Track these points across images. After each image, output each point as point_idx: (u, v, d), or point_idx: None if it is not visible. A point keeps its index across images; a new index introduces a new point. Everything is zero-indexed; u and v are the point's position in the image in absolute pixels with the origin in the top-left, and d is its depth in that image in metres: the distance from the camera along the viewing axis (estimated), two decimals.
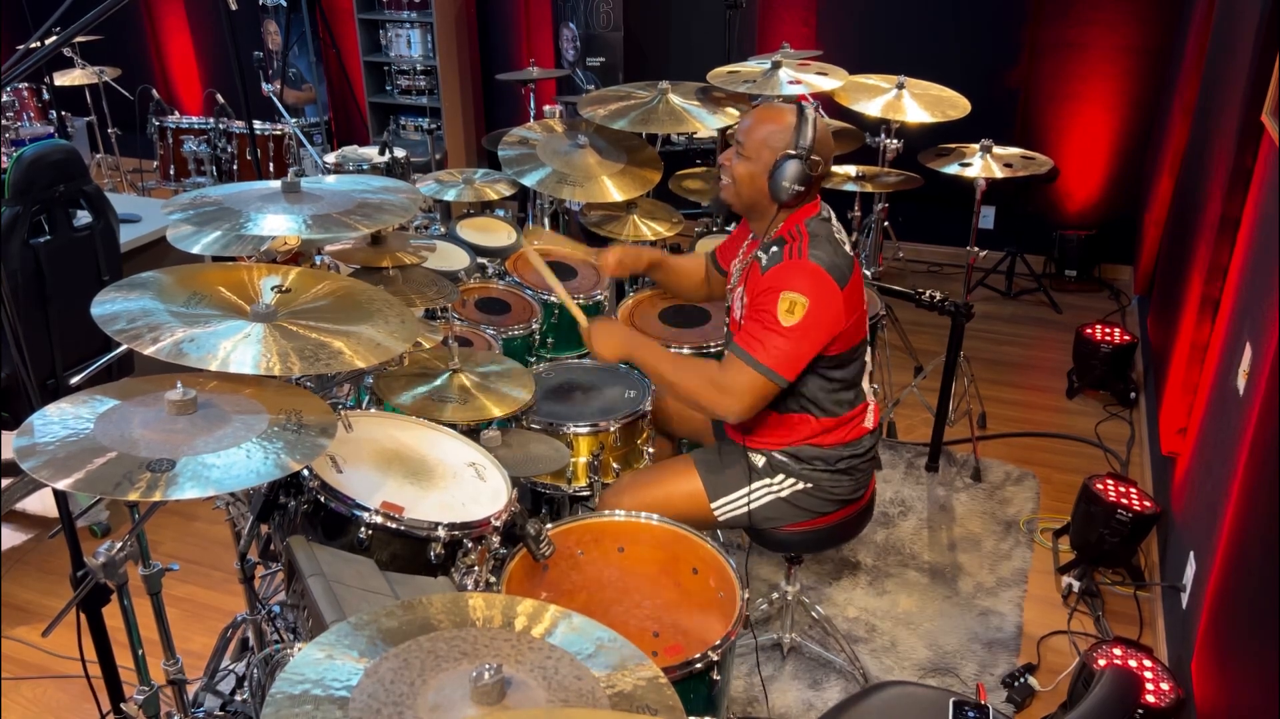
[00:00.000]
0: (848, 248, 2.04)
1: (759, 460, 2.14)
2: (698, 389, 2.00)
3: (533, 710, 1.07)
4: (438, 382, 2.20)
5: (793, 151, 1.95)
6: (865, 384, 2.15)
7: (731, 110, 2.94)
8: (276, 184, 1.87)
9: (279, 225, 1.70)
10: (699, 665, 1.66)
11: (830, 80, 3.01)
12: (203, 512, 3.16)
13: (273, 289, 1.65)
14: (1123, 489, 2.80)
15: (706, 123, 2.88)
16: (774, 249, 2.02)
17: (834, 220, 2.08)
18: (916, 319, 4.36)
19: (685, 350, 2.69)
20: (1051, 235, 4.92)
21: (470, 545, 1.67)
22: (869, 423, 2.16)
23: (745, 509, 2.14)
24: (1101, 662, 2.28)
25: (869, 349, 2.17)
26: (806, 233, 2.00)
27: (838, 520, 2.20)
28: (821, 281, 1.93)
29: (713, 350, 2.69)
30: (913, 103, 3.06)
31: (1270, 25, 2.49)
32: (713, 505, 2.15)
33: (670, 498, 2.13)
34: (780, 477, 2.13)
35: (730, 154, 2.07)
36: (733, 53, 3.59)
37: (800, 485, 2.13)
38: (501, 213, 3.63)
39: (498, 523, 1.72)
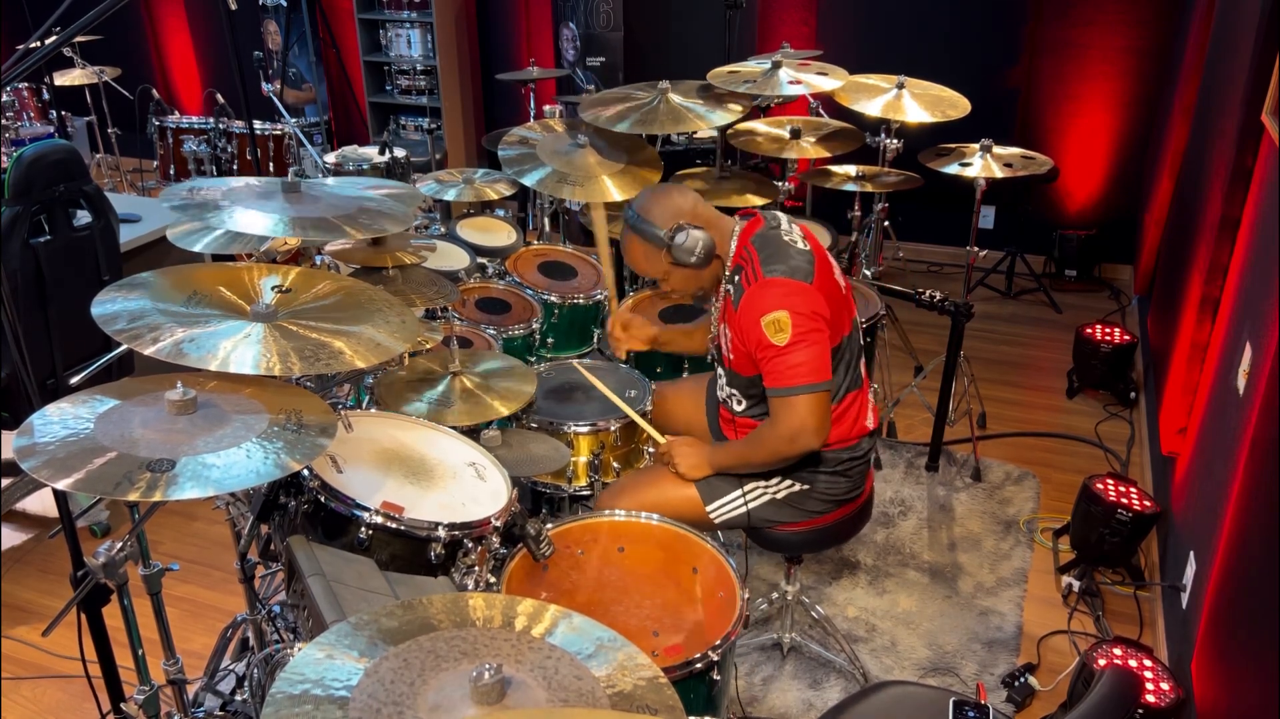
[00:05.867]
0: (801, 245, 2.03)
1: None
2: (775, 449, 2.03)
3: (533, 710, 1.07)
4: (440, 387, 2.20)
5: (659, 240, 2.03)
6: (862, 370, 2.15)
7: (734, 106, 2.93)
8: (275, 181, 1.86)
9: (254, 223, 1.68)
10: (699, 665, 1.66)
11: (830, 80, 3.01)
12: (203, 512, 3.16)
13: (273, 289, 1.64)
14: (1123, 489, 2.80)
15: (708, 119, 2.88)
16: (736, 279, 2.05)
17: (782, 224, 2.07)
18: (916, 319, 4.36)
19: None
20: (1051, 235, 4.92)
21: (470, 545, 1.67)
22: (869, 422, 2.16)
23: (741, 511, 2.14)
24: (1101, 661, 2.28)
25: (861, 342, 2.17)
26: (755, 251, 2.02)
27: (836, 520, 2.20)
28: (786, 288, 1.95)
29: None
30: (913, 103, 3.06)
31: (1270, 25, 2.49)
32: (708, 508, 2.15)
33: (667, 500, 2.13)
34: (777, 478, 2.13)
35: (661, 290, 2.16)
36: (733, 52, 3.60)
37: (796, 487, 2.13)
38: (501, 213, 3.63)
39: (498, 523, 1.72)
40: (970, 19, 4.73)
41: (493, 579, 1.77)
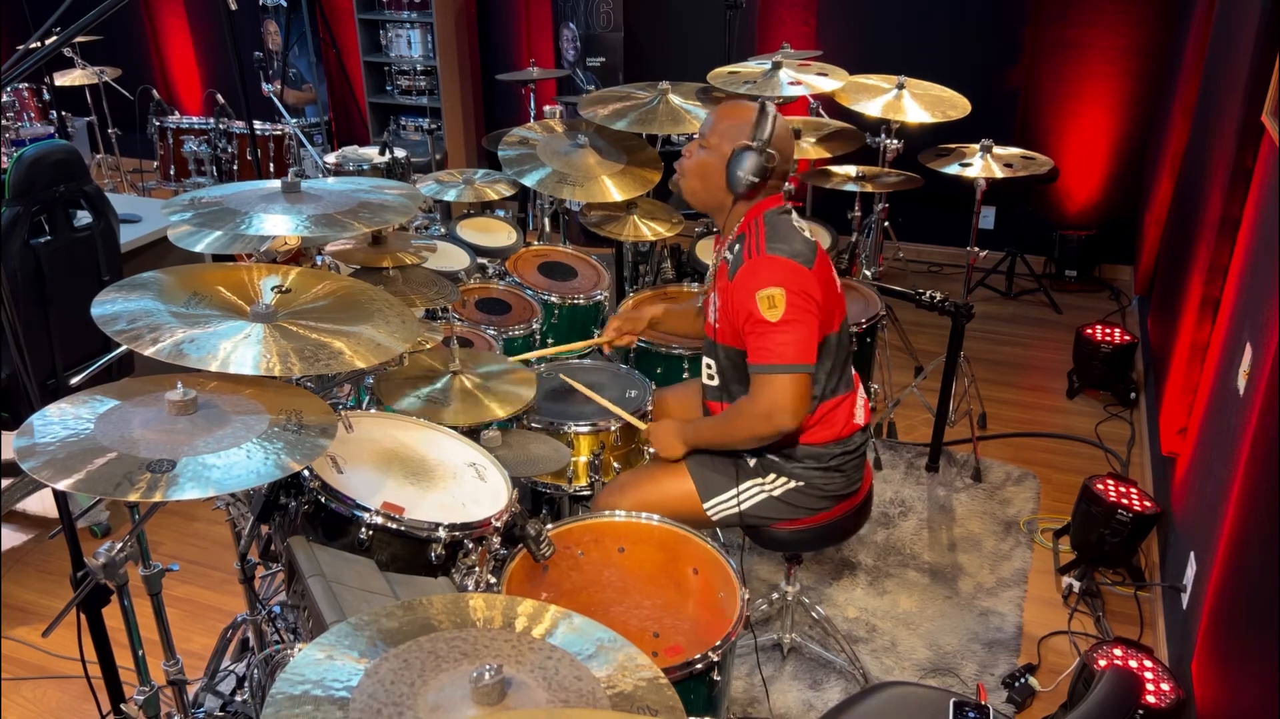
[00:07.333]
0: (808, 234, 2.05)
1: (750, 460, 2.14)
2: (750, 428, 2.03)
3: (533, 711, 1.07)
4: (439, 384, 2.20)
5: (750, 144, 1.99)
6: (852, 372, 2.16)
7: None
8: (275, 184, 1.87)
9: (279, 226, 1.69)
10: (699, 666, 1.66)
11: (830, 80, 3.01)
12: (203, 512, 3.16)
13: (273, 289, 1.64)
14: (1123, 489, 2.80)
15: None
16: (736, 247, 2.05)
17: (794, 214, 2.10)
18: (916, 319, 4.36)
19: (678, 350, 2.69)
20: (1051, 235, 4.92)
21: (470, 546, 1.67)
22: (860, 419, 2.17)
23: (737, 509, 2.15)
24: (1102, 662, 2.28)
25: (851, 346, 2.19)
26: (764, 225, 2.03)
27: (833, 518, 2.20)
28: (786, 267, 1.96)
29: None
30: (913, 103, 3.06)
31: (1270, 25, 2.49)
32: (705, 505, 2.15)
33: (664, 498, 2.14)
34: (772, 475, 2.14)
35: (692, 147, 2.12)
36: (733, 53, 3.59)
37: (792, 484, 2.13)
38: (501, 213, 3.63)
39: (498, 523, 1.72)
40: (970, 19, 4.73)
41: (493, 580, 1.77)
